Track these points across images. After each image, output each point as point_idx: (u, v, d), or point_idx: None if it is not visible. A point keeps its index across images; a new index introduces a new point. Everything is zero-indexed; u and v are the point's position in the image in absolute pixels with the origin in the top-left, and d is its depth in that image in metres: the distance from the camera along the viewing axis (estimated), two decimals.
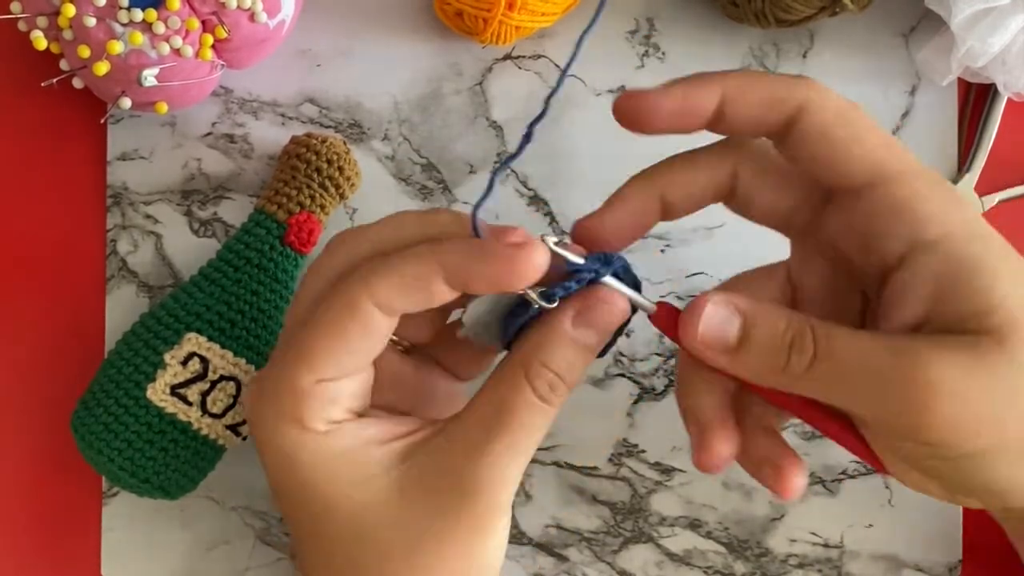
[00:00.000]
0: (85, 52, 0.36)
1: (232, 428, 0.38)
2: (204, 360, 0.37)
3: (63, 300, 0.42)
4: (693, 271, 0.43)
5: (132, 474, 0.37)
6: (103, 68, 0.36)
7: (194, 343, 0.37)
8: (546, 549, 0.43)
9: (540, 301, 0.29)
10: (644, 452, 0.43)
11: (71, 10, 0.35)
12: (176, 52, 0.36)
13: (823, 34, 0.43)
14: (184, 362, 0.37)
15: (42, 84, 0.38)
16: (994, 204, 0.43)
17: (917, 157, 0.29)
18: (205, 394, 0.37)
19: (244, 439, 0.39)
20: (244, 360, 0.38)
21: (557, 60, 0.43)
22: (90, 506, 0.42)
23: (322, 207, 0.40)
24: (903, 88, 0.43)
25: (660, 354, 0.43)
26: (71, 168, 0.42)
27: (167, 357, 0.37)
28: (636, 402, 0.43)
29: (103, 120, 0.41)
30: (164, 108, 0.38)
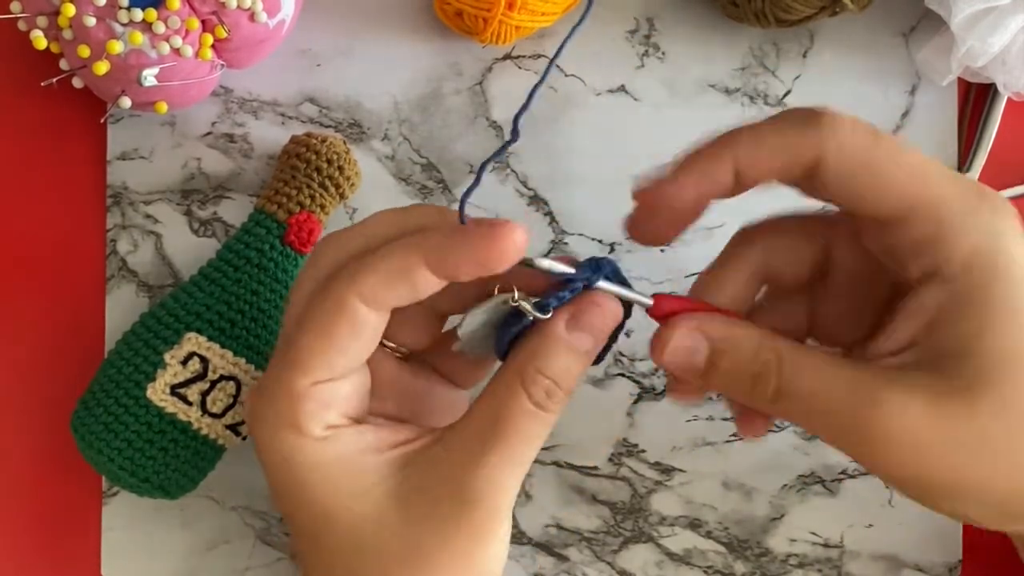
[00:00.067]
0: (85, 52, 0.36)
1: (232, 428, 0.38)
2: (204, 360, 0.37)
3: (63, 300, 0.42)
4: (693, 271, 0.43)
5: (132, 474, 0.37)
6: (103, 68, 0.36)
7: (194, 343, 0.37)
8: (546, 549, 0.43)
9: (535, 312, 0.29)
10: (644, 452, 0.43)
11: (71, 10, 0.35)
12: (176, 52, 0.36)
13: (823, 34, 0.43)
14: (184, 362, 0.37)
15: (42, 84, 0.38)
16: None
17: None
18: (205, 394, 0.37)
19: (244, 439, 0.39)
20: (244, 360, 0.38)
21: (558, 60, 0.43)
22: (90, 506, 0.42)
23: (322, 207, 0.40)
24: (903, 88, 0.43)
25: None
26: (71, 168, 0.42)
27: (167, 357, 0.37)
28: (636, 402, 0.43)
29: (103, 120, 0.41)
30: (164, 108, 0.38)
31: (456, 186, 0.43)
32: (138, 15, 0.36)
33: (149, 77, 0.36)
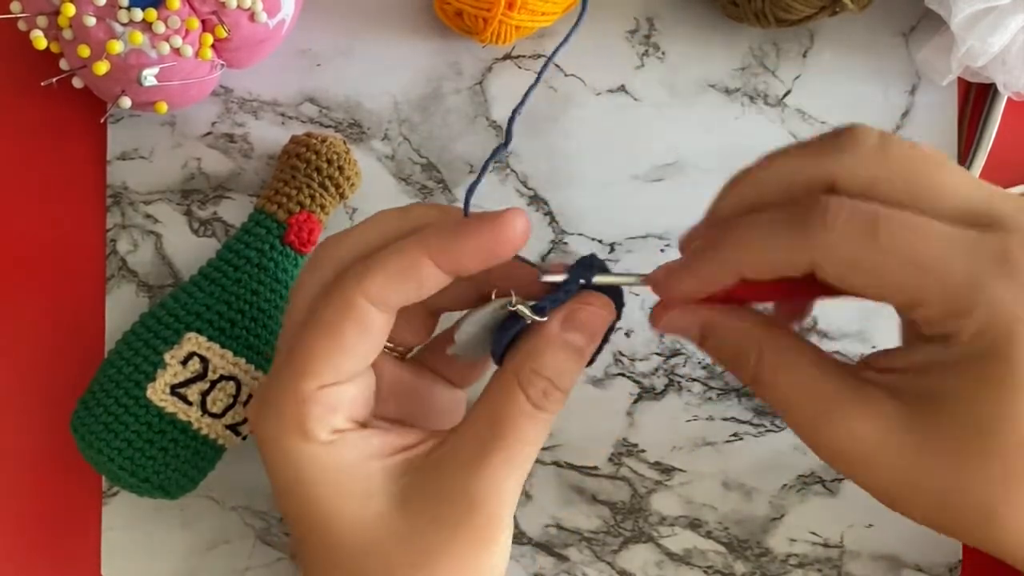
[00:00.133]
0: (85, 52, 0.36)
1: (232, 428, 0.38)
2: (204, 360, 0.37)
3: (63, 300, 0.42)
4: None
5: (132, 474, 0.37)
6: (103, 68, 0.36)
7: (194, 343, 0.37)
8: (546, 549, 0.43)
9: (533, 315, 0.29)
10: (644, 452, 0.43)
11: (71, 9, 0.35)
12: (176, 52, 0.36)
13: (823, 34, 0.43)
14: (184, 362, 0.37)
15: (42, 84, 0.38)
16: None
17: None
18: (205, 394, 0.37)
19: (244, 439, 0.39)
20: (244, 360, 0.38)
21: (557, 60, 0.43)
22: (90, 506, 0.42)
23: (322, 207, 0.40)
24: (903, 88, 0.43)
25: (660, 354, 0.42)
26: (71, 168, 0.42)
27: (167, 357, 0.37)
28: (636, 402, 0.43)
29: (103, 120, 0.41)
30: (164, 108, 0.38)
31: (456, 186, 0.43)
32: (138, 15, 0.36)
33: (149, 77, 0.36)
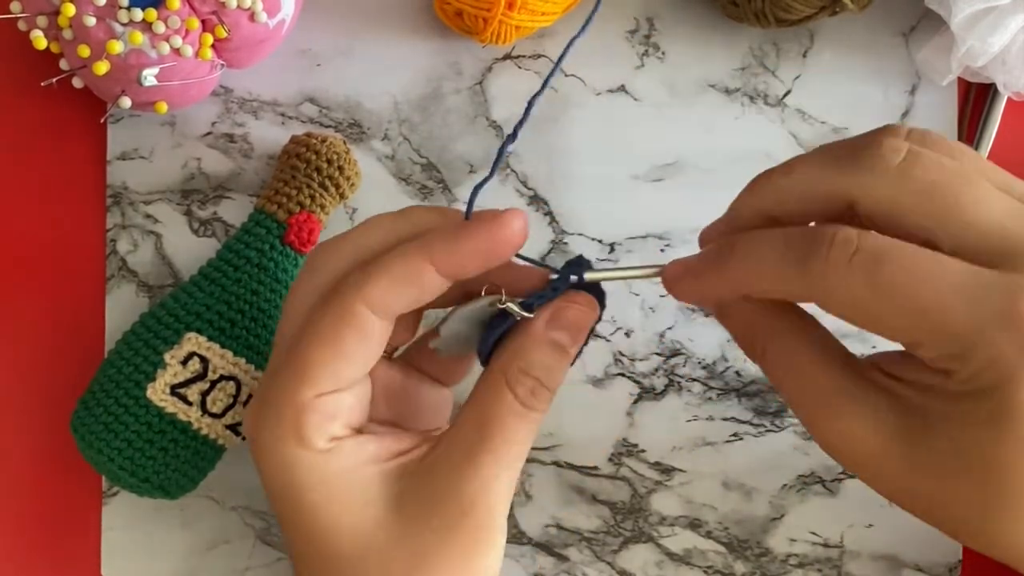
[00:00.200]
0: (85, 52, 0.36)
1: (232, 428, 0.38)
2: (204, 360, 0.37)
3: (63, 300, 0.42)
4: None
5: (132, 474, 0.37)
6: (103, 68, 0.36)
7: (194, 343, 0.37)
8: (546, 549, 0.43)
9: (522, 312, 0.30)
10: (644, 452, 0.43)
11: (71, 10, 0.35)
12: (176, 52, 0.36)
13: (823, 34, 0.43)
14: (184, 362, 0.37)
15: (42, 84, 0.38)
16: None
17: None
18: (205, 394, 0.37)
19: (244, 439, 0.39)
20: (244, 360, 0.38)
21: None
22: (90, 506, 0.42)
23: (322, 207, 0.40)
24: (903, 88, 0.43)
25: (660, 354, 0.43)
26: (71, 168, 0.42)
27: (167, 357, 0.37)
28: (636, 402, 0.43)
29: (103, 120, 0.41)
30: (164, 108, 0.38)
31: (456, 186, 0.43)
32: (138, 15, 0.36)
33: (149, 77, 0.36)
